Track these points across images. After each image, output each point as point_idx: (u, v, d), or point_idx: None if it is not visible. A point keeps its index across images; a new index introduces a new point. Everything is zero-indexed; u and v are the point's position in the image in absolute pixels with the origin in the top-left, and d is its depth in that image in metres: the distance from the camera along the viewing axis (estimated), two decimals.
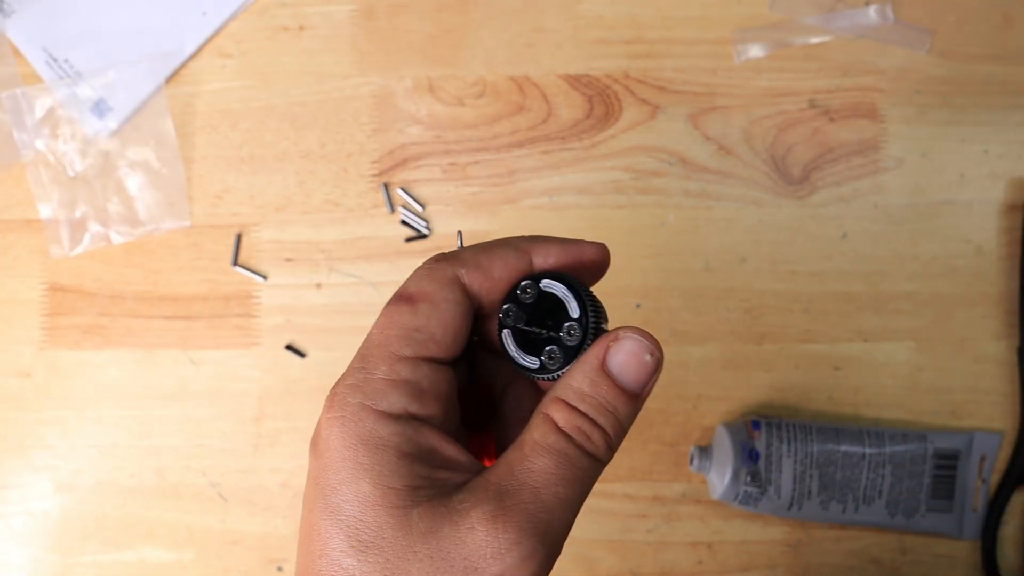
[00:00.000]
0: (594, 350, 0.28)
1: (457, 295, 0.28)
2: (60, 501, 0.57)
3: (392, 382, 0.27)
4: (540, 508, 0.25)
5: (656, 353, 0.28)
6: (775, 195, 0.58)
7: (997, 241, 0.57)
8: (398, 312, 0.28)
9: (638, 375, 0.27)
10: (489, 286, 0.29)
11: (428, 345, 0.27)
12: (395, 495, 0.25)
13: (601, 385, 0.27)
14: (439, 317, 0.28)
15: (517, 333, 0.29)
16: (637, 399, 0.28)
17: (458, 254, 0.29)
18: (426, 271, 0.29)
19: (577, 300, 0.28)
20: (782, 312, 0.57)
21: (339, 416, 0.26)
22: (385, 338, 0.27)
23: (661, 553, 0.56)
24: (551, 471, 0.26)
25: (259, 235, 0.58)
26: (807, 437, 0.53)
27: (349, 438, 0.26)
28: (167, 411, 0.57)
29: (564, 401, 0.27)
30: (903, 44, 0.58)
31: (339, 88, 0.58)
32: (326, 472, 0.26)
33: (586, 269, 0.30)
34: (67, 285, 0.58)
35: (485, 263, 0.29)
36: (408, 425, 0.26)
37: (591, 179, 0.58)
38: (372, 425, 0.26)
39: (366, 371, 0.27)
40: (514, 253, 0.29)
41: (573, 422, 0.27)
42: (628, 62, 0.58)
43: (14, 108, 0.58)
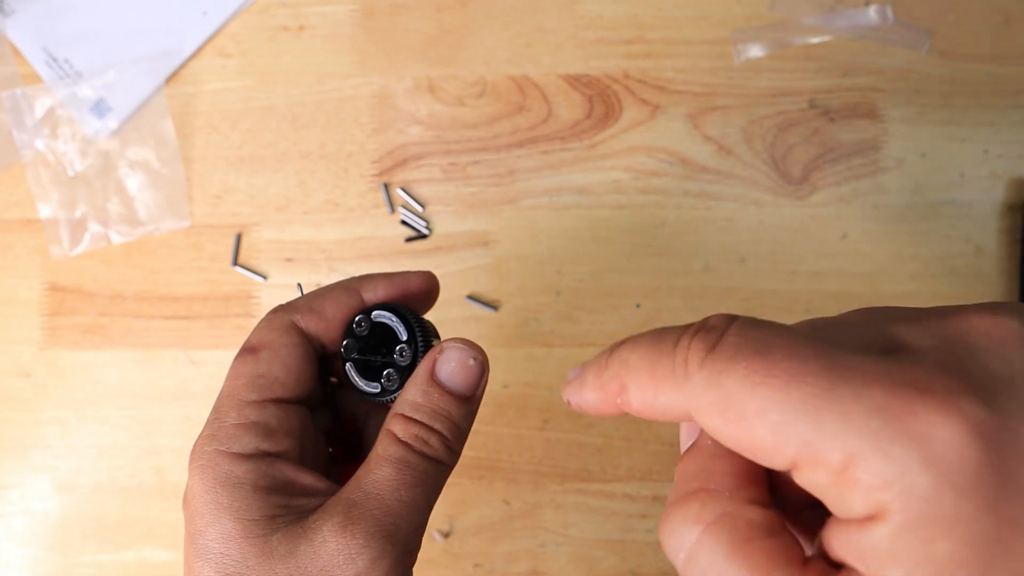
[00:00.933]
0: (423, 364, 0.30)
1: (295, 339, 0.31)
2: (60, 501, 0.57)
3: (242, 426, 0.29)
4: (385, 512, 0.27)
5: (479, 357, 0.30)
6: (775, 195, 0.58)
7: (997, 241, 0.57)
8: (243, 363, 0.30)
9: (465, 379, 0.30)
10: (325, 326, 0.32)
11: (273, 388, 0.30)
12: (255, 526, 0.27)
13: (432, 394, 0.30)
14: (280, 362, 0.30)
15: (358, 364, 0.32)
16: (469, 401, 0.30)
17: (294, 303, 0.32)
18: (265, 323, 0.31)
19: (404, 324, 0.31)
20: (782, 312, 0.57)
21: (198, 465, 0.29)
22: (233, 388, 0.30)
23: (661, 553, 0.56)
24: (393, 478, 0.28)
25: (259, 235, 0.58)
26: None
27: (208, 482, 0.28)
28: (167, 411, 0.57)
29: (401, 414, 0.29)
30: (903, 44, 0.58)
31: (339, 88, 0.58)
32: (194, 518, 0.28)
33: (415, 298, 0.33)
34: (67, 285, 0.58)
35: (318, 306, 0.32)
36: (261, 462, 0.28)
37: (591, 179, 0.58)
38: (228, 467, 0.28)
39: (219, 421, 0.29)
40: (344, 293, 0.32)
41: (410, 431, 0.29)
42: (628, 62, 0.58)
43: (14, 108, 0.58)
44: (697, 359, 0.21)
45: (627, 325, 0.57)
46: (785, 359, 0.19)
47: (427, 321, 0.33)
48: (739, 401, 0.20)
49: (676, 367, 0.22)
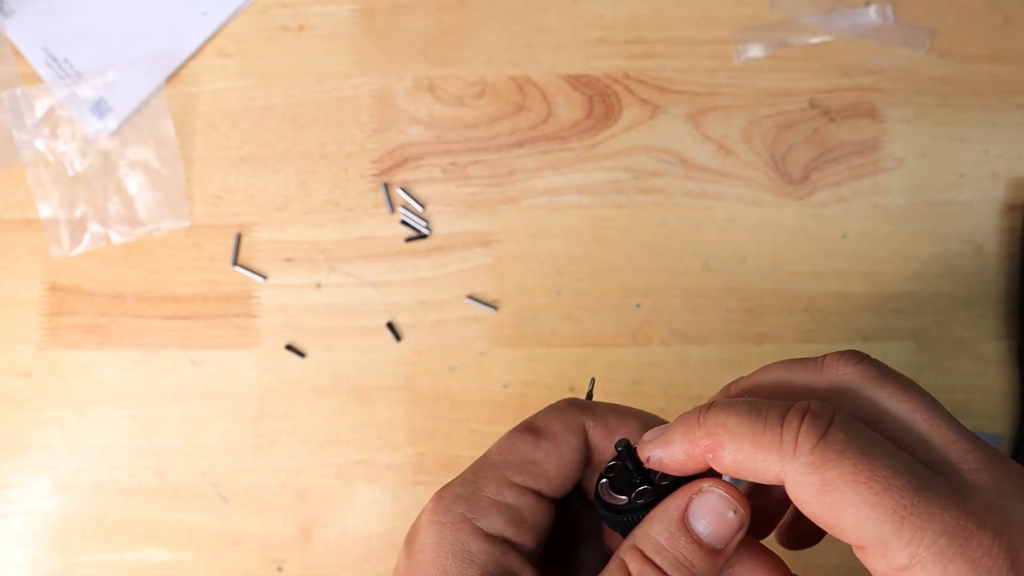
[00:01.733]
0: (675, 500, 0.27)
1: (579, 441, 0.30)
2: (60, 501, 0.57)
3: (497, 503, 0.28)
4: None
5: (740, 511, 0.27)
6: (775, 195, 0.58)
7: (997, 241, 0.57)
8: (522, 441, 0.29)
9: (719, 532, 0.27)
10: (608, 444, 0.30)
11: (540, 479, 0.29)
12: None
13: (679, 539, 0.27)
14: (557, 457, 0.29)
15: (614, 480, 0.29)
16: (717, 556, 0.27)
17: (592, 406, 0.31)
18: (557, 412, 0.30)
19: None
20: (782, 312, 0.57)
21: (439, 521, 0.28)
22: (502, 461, 0.29)
23: None
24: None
25: (259, 235, 0.58)
26: None
27: (444, 545, 0.27)
28: (167, 411, 0.57)
29: (640, 550, 0.27)
30: (903, 44, 0.58)
31: (339, 88, 0.58)
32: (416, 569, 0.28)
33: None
34: (67, 285, 0.58)
35: (614, 424, 0.30)
36: (499, 547, 0.28)
37: (591, 179, 0.58)
38: (467, 538, 0.27)
39: (476, 485, 0.28)
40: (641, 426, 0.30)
41: (645, 572, 0.26)
42: (628, 62, 0.58)
43: (14, 108, 0.58)
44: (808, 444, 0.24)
45: (627, 325, 0.57)
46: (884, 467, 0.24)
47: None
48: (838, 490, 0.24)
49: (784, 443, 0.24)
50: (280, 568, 0.56)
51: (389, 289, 0.57)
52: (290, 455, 0.57)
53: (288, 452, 0.57)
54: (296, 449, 0.57)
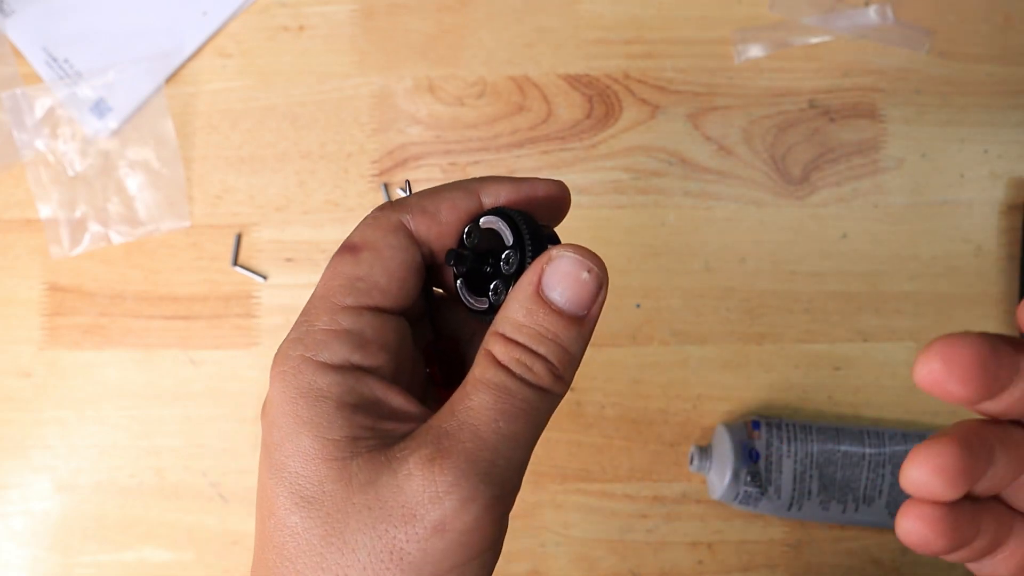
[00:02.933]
0: (527, 276, 0.26)
1: (402, 241, 0.27)
2: (60, 501, 0.57)
3: (333, 332, 0.26)
4: (480, 446, 0.24)
5: (595, 269, 0.26)
6: (775, 195, 0.58)
7: (997, 241, 0.57)
8: (341, 262, 0.27)
9: (578, 296, 0.25)
10: (438, 231, 0.27)
11: (372, 294, 0.26)
12: (335, 447, 0.24)
13: (537, 312, 0.25)
14: (383, 265, 0.26)
15: (469, 278, 0.28)
16: (581, 322, 0.26)
17: (404, 200, 0.28)
18: (371, 220, 0.27)
19: (511, 227, 0.27)
20: (782, 312, 0.57)
21: (280, 371, 0.26)
22: (327, 290, 0.27)
23: (661, 553, 0.56)
24: (490, 406, 0.24)
25: (259, 235, 0.58)
26: (807, 437, 0.53)
27: (289, 392, 0.25)
28: (167, 411, 0.57)
29: (501, 334, 0.25)
30: (903, 44, 0.58)
31: (339, 88, 0.58)
32: (271, 430, 0.25)
33: (542, 207, 0.29)
34: (67, 285, 0.58)
35: (431, 207, 0.27)
36: (350, 375, 0.25)
37: (591, 179, 0.58)
38: (311, 377, 0.25)
39: (308, 323, 0.26)
40: (462, 194, 0.28)
41: (511, 354, 0.25)
42: (628, 62, 0.58)
43: (14, 108, 0.58)
44: None
45: (627, 325, 0.57)
46: None
47: (545, 226, 0.28)
48: None
49: None
50: None
51: None
52: None
53: None
54: None
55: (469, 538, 0.23)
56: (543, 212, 0.28)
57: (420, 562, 0.23)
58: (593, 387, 0.56)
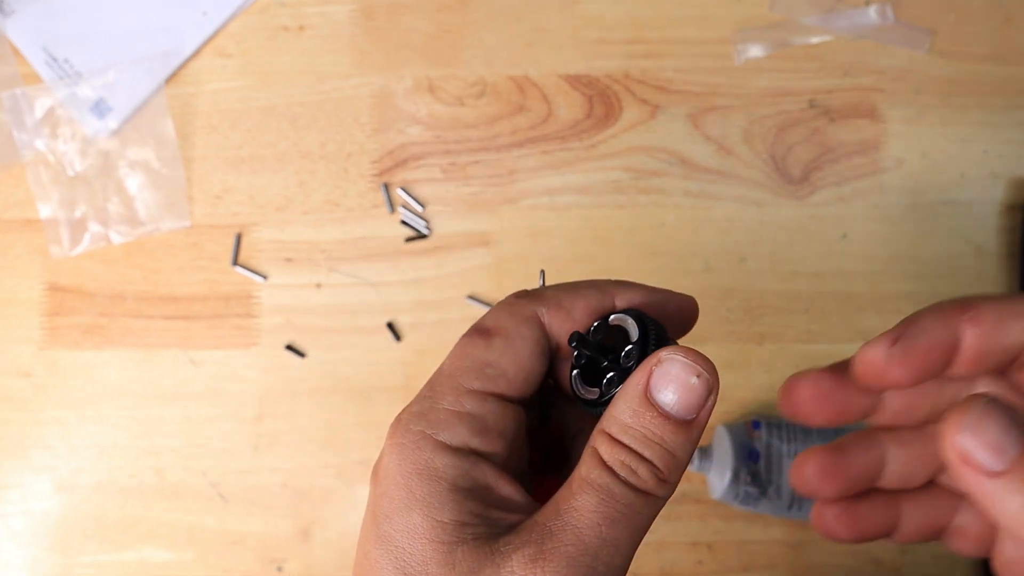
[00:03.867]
0: (636, 376, 0.25)
1: (535, 333, 0.27)
2: (60, 501, 0.57)
3: (456, 413, 0.26)
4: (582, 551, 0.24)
5: (704, 374, 0.25)
6: (775, 195, 0.58)
7: (997, 241, 0.57)
8: (472, 345, 0.27)
9: (686, 400, 0.25)
10: (569, 327, 0.28)
11: (498, 381, 0.27)
12: (443, 529, 0.24)
13: (644, 415, 0.25)
14: (513, 354, 0.27)
15: (586, 371, 0.28)
16: (689, 426, 0.25)
17: (540, 292, 0.28)
18: (506, 306, 0.28)
19: (639, 325, 0.27)
20: (782, 312, 0.57)
21: (399, 443, 0.26)
22: (455, 369, 0.27)
23: (661, 553, 0.56)
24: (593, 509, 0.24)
25: (259, 235, 0.58)
26: (807, 437, 0.53)
27: (406, 465, 0.25)
28: (167, 411, 0.57)
29: (607, 433, 0.25)
30: (903, 44, 0.58)
31: (339, 88, 0.58)
32: (381, 500, 0.26)
33: (671, 320, 0.29)
34: (67, 285, 0.58)
35: (567, 303, 0.28)
36: (466, 459, 0.26)
37: (591, 179, 0.58)
38: (430, 455, 0.25)
39: (432, 400, 0.26)
40: (597, 294, 0.28)
41: (616, 456, 0.25)
42: (628, 62, 0.58)
43: (14, 108, 0.58)
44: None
45: None
46: None
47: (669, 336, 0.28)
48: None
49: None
50: (280, 568, 0.56)
51: (389, 289, 0.57)
52: (290, 455, 0.57)
53: (288, 452, 0.57)
54: (296, 449, 0.57)
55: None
56: (670, 323, 0.29)
57: None
58: None
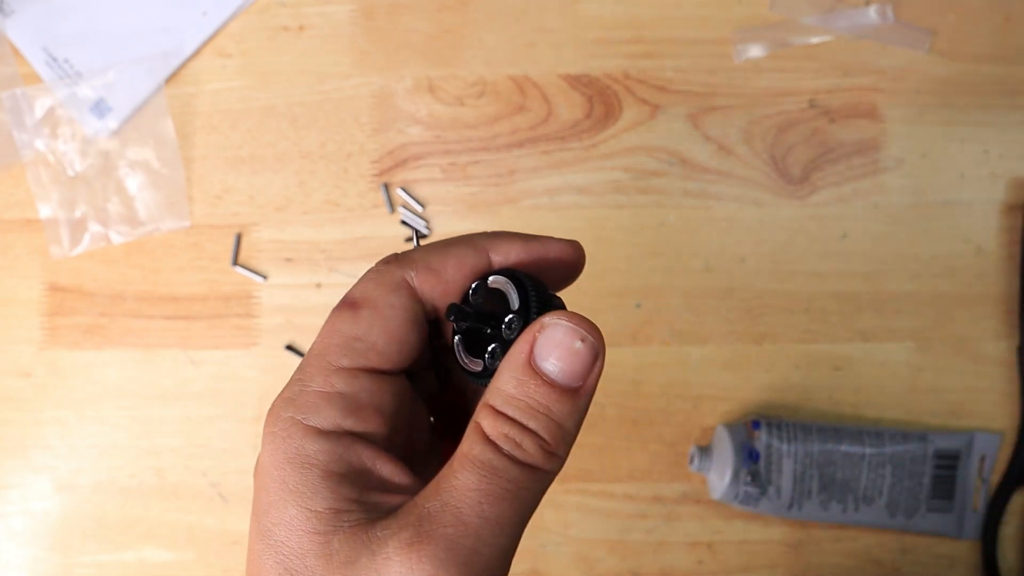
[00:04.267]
0: (519, 344, 0.24)
1: (404, 301, 0.26)
2: (60, 501, 0.57)
3: (326, 395, 0.25)
4: (462, 532, 0.22)
5: (589, 338, 0.24)
6: (775, 195, 0.58)
7: (997, 241, 0.57)
8: (340, 319, 0.26)
9: (571, 366, 0.24)
10: (442, 289, 0.26)
11: (369, 355, 0.25)
12: (318, 519, 0.23)
13: (528, 383, 0.24)
14: (383, 325, 0.25)
15: (467, 337, 0.26)
16: (575, 394, 0.24)
17: (409, 255, 0.27)
18: (373, 275, 0.26)
19: (519, 291, 0.25)
20: (782, 312, 0.57)
21: (271, 432, 0.25)
22: (324, 348, 0.26)
23: (661, 553, 0.56)
24: (474, 486, 0.23)
25: (259, 235, 0.58)
26: (807, 437, 0.53)
27: (278, 456, 0.24)
28: (167, 411, 0.57)
29: (491, 406, 0.24)
30: (903, 44, 0.58)
31: (339, 88, 0.58)
32: (260, 493, 0.25)
33: (554, 269, 0.27)
34: (67, 285, 0.58)
35: (437, 264, 0.26)
36: (340, 442, 0.24)
37: (591, 179, 0.58)
38: (300, 441, 0.24)
39: (302, 383, 0.25)
40: (471, 252, 0.27)
41: (500, 429, 0.24)
42: (628, 62, 0.58)
43: (14, 108, 0.58)
44: None
45: (627, 325, 0.57)
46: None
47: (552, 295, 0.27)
48: None
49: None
50: None
51: None
52: None
53: None
54: None
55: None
56: (554, 273, 0.27)
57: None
58: None
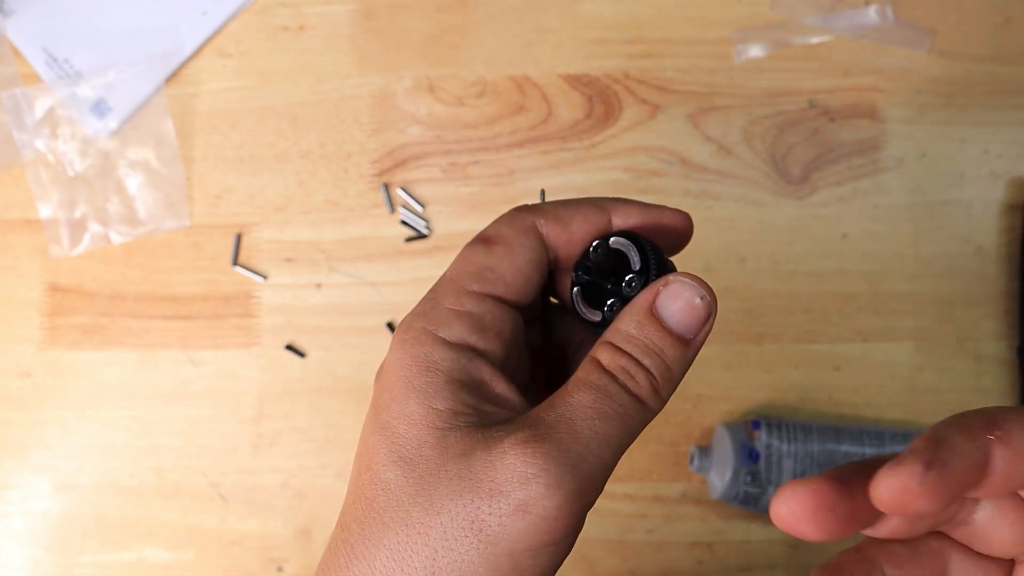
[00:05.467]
0: (644, 295, 0.27)
1: (533, 242, 0.29)
2: (60, 501, 0.57)
3: (456, 312, 0.27)
4: (574, 439, 0.25)
5: (707, 297, 0.27)
6: (775, 195, 0.58)
7: (997, 241, 0.57)
8: (473, 252, 0.28)
9: (687, 318, 0.27)
10: (567, 239, 0.29)
11: (497, 284, 0.28)
12: (437, 416, 0.26)
13: (648, 327, 0.27)
14: (512, 260, 0.28)
15: (586, 290, 0.29)
16: (688, 344, 0.27)
17: (539, 206, 0.30)
18: (507, 218, 0.29)
19: (640, 254, 0.28)
20: (782, 312, 0.57)
21: (401, 339, 0.27)
22: (457, 274, 0.28)
23: (661, 553, 0.56)
24: (589, 404, 0.26)
25: (259, 235, 0.58)
26: (807, 437, 0.53)
27: (406, 359, 0.27)
28: (167, 411, 0.57)
29: (610, 343, 0.27)
30: (903, 44, 0.58)
31: (339, 88, 0.58)
32: (383, 393, 0.27)
33: (666, 235, 0.30)
34: (67, 285, 0.58)
35: (565, 217, 0.29)
36: (463, 355, 0.27)
37: (591, 179, 0.58)
38: (429, 348, 0.27)
39: (434, 301, 0.28)
40: (595, 211, 0.29)
41: (617, 361, 0.26)
42: (628, 62, 0.58)
43: (14, 108, 0.58)
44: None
45: None
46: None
47: (668, 260, 0.30)
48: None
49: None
50: (280, 568, 0.56)
51: (389, 289, 0.57)
52: (290, 455, 0.57)
53: (288, 452, 0.57)
54: (296, 449, 0.57)
55: (548, 524, 0.24)
56: (667, 239, 0.30)
57: (497, 536, 0.24)
58: None
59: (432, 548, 0.25)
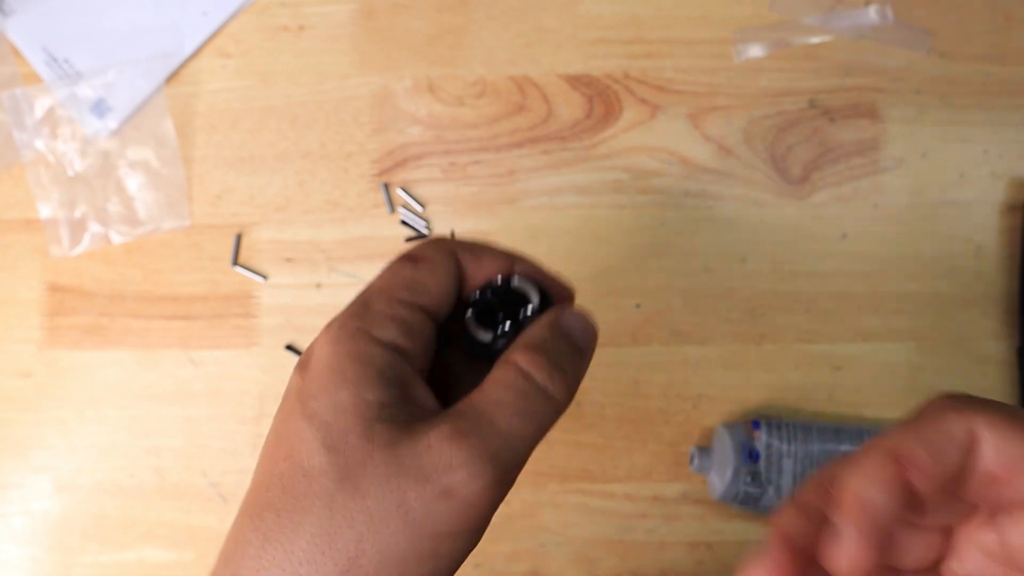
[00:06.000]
0: (549, 314, 0.31)
1: (452, 266, 0.32)
2: (60, 501, 0.57)
3: (388, 316, 0.30)
4: (494, 434, 0.27)
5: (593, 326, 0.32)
6: (775, 195, 0.58)
7: (997, 241, 0.57)
8: (402, 267, 0.31)
9: (585, 335, 0.31)
10: (474, 271, 0.32)
11: (424, 296, 0.31)
12: (367, 406, 0.27)
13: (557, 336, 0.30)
14: (436, 277, 0.31)
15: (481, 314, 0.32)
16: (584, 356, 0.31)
17: (457, 240, 0.33)
18: (430, 243, 0.32)
19: (540, 292, 0.32)
20: (782, 312, 0.57)
21: (335, 336, 0.29)
22: (387, 285, 0.31)
23: (661, 553, 0.56)
24: (509, 403, 0.28)
25: (259, 235, 0.58)
26: (807, 437, 0.53)
27: (340, 352, 0.28)
28: (167, 411, 0.57)
29: (526, 346, 0.30)
30: (903, 44, 0.58)
31: (339, 88, 0.58)
32: (308, 382, 0.28)
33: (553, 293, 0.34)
34: (67, 285, 0.58)
35: (478, 251, 0.32)
36: (393, 354, 0.29)
37: (591, 179, 0.58)
38: (363, 344, 0.29)
39: (366, 306, 0.30)
40: (502, 255, 0.33)
41: (536, 361, 0.29)
42: (628, 62, 0.58)
43: (14, 108, 0.58)
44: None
45: (627, 325, 0.57)
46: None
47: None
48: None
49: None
50: None
51: None
52: None
53: None
54: None
55: (470, 509, 0.27)
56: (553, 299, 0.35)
57: (422, 519, 0.26)
58: (593, 387, 0.56)
59: (357, 531, 0.26)
